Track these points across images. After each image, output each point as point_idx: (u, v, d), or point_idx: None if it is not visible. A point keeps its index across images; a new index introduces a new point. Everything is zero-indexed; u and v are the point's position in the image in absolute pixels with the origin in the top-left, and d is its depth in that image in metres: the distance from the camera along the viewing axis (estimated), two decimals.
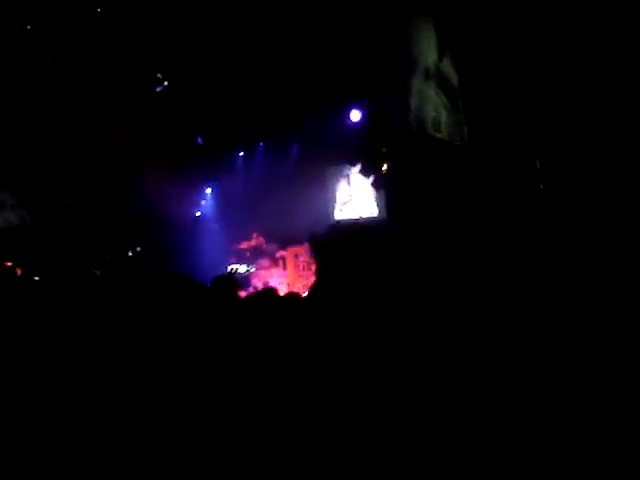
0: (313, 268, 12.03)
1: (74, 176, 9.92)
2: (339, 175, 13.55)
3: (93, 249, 9.15)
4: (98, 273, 5.22)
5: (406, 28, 6.77)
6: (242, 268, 11.92)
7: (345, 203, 13.49)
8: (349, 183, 13.35)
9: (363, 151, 11.14)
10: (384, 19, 7.12)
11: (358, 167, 11.78)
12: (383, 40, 7.63)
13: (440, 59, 7.00)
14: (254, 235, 12.60)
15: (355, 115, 11.30)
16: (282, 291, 5.79)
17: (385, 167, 10.19)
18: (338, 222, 12.88)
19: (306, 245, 12.24)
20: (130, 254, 10.36)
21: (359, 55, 8.71)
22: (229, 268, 10.69)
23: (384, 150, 9.78)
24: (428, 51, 6.93)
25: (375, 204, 12.50)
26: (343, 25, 8.28)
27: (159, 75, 9.27)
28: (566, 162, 5.16)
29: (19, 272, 7.53)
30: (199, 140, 12.31)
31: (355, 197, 13.21)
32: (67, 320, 2.23)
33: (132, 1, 7.82)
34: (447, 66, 6.84)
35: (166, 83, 9.35)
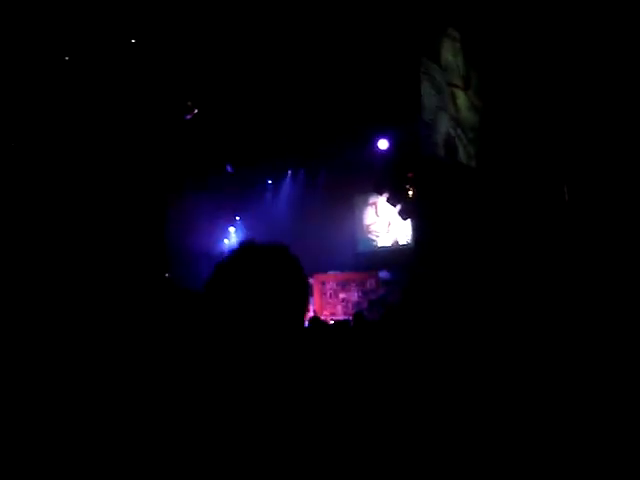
0: (340, 296, 12.07)
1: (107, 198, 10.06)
2: (366, 203, 13.60)
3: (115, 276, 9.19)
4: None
5: (435, 59, 6.84)
6: None
7: (372, 231, 13.49)
8: (376, 211, 13.38)
9: (390, 179, 11.15)
10: (413, 48, 7.20)
11: (385, 195, 11.79)
12: (411, 69, 7.70)
13: (467, 88, 7.03)
14: None
15: (383, 143, 11.31)
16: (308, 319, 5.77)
17: (411, 194, 10.19)
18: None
19: (333, 273, 12.28)
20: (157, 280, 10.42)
21: (385, 83, 8.79)
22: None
23: (410, 175, 9.78)
24: (456, 80, 6.98)
25: (403, 231, 12.48)
26: (370, 53, 8.39)
27: (189, 103, 9.47)
28: (594, 192, 5.11)
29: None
30: (229, 168, 12.47)
31: (382, 225, 13.22)
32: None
33: (166, 33, 8.05)
34: (472, 95, 6.87)
35: (196, 110, 9.53)
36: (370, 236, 13.60)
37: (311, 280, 12.04)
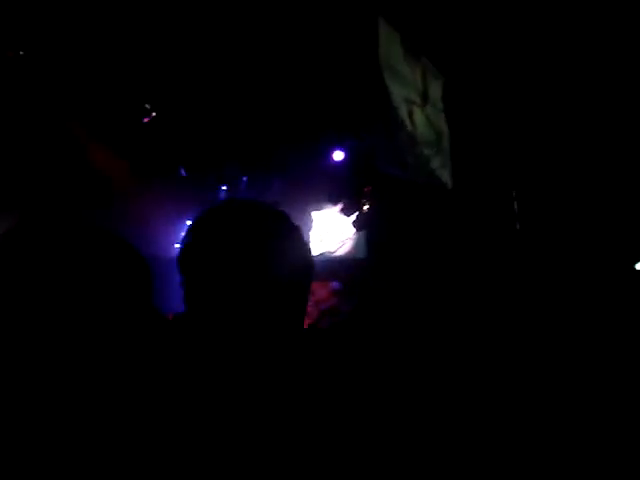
0: None
1: (50, 202, 9.74)
2: (320, 213, 13.60)
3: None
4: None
5: (392, 71, 6.90)
6: None
7: (325, 241, 13.49)
8: (329, 221, 13.39)
9: (345, 190, 11.22)
10: (370, 60, 7.26)
11: (339, 206, 11.83)
12: (368, 81, 7.77)
13: (424, 104, 7.13)
14: None
15: (338, 155, 11.37)
16: None
17: (366, 207, 10.28)
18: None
19: None
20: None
21: (343, 95, 8.85)
22: None
23: (366, 190, 9.87)
24: (413, 95, 7.06)
25: (355, 243, 12.53)
26: (329, 65, 8.43)
27: (147, 106, 9.28)
28: (544, 202, 5.26)
29: None
30: (182, 172, 12.24)
31: (335, 235, 13.24)
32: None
33: (125, 33, 7.89)
34: (433, 109, 6.98)
35: (154, 114, 9.36)
36: (322, 246, 13.61)
37: None
